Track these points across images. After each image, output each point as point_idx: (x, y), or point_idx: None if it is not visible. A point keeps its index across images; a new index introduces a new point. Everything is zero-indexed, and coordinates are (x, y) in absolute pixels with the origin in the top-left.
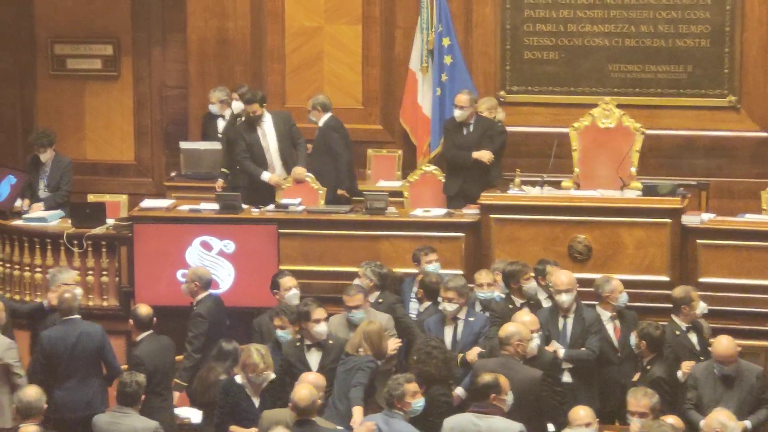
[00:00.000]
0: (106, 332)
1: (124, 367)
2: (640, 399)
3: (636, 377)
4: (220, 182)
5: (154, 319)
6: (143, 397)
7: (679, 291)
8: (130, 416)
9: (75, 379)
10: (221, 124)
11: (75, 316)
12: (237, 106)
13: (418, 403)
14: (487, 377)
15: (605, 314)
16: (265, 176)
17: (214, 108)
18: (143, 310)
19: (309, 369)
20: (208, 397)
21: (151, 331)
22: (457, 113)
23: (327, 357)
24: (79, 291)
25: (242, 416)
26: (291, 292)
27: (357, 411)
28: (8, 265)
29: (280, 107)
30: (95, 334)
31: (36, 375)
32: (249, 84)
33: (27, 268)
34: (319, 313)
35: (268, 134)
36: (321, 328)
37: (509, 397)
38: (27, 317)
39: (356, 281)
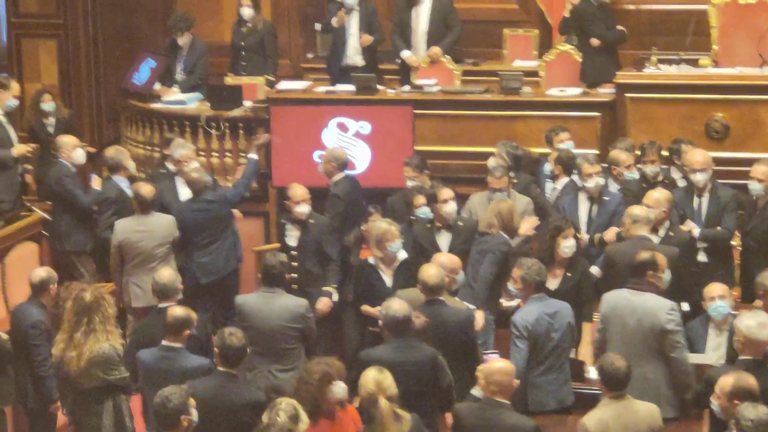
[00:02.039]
0: (243, 214)
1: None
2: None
3: None
4: None
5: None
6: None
7: None
8: (280, 295)
9: (210, 246)
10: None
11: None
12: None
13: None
14: (644, 254)
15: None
16: (404, 54)
17: None
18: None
19: (439, 250)
20: None
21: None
22: None
23: (457, 238)
24: (194, 164)
25: (375, 295)
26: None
27: (479, 315)
28: (148, 147)
29: None
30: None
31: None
32: None
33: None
34: (446, 193)
35: (422, 15)
36: (449, 208)
37: (666, 275)
38: None
39: (491, 161)
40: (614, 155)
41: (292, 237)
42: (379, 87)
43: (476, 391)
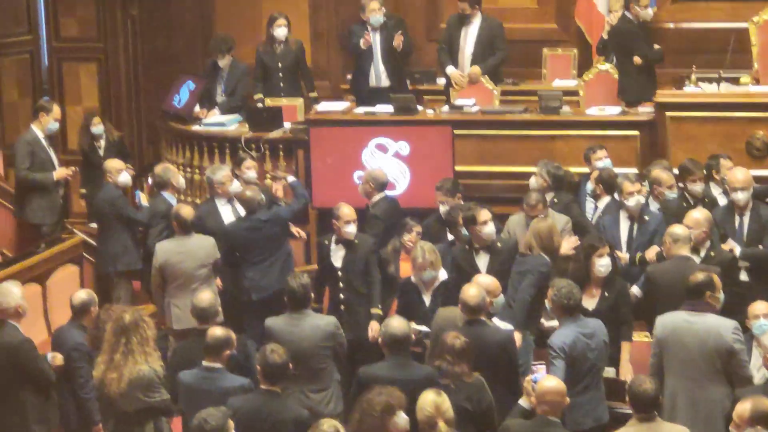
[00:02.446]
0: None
1: None
2: None
3: None
4: None
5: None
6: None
7: None
8: (308, 316)
9: (263, 263)
10: None
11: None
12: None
13: None
14: (701, 275)
15: None
16: (449, 70)
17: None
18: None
19: (478, 272)
20: None
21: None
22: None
23: (496, 259)
24: (236, 184)
25: (414, 313)
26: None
27: (517, 337)
28: (188, 169)
29: (454, 9)
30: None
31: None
32: None
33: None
34: (484, 215)
35: (470, 36)
36: (488, 230)
37: (722, 295)
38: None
39: (532, 181)
40: (656, 175)
41: (338, 257)
42: (418, 107)
43: (524, 402)
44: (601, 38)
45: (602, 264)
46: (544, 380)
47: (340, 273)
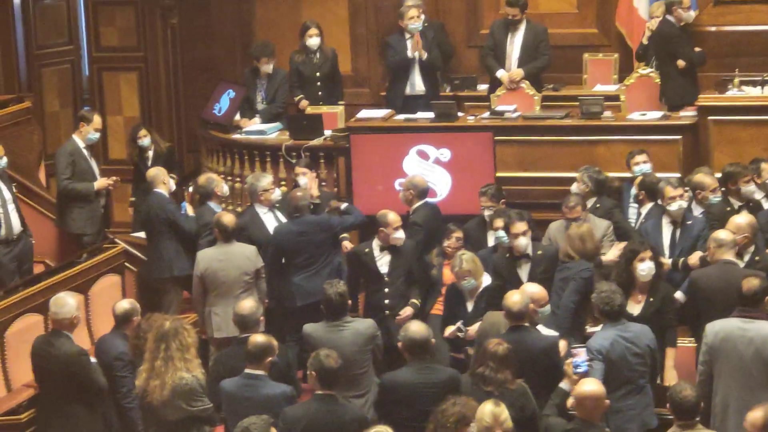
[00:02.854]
0: None
1: None
2: None
3: None
4: None
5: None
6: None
7: None
8: (349, 322)
9: (309, 268)
10: None
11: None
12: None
13: None
14: (755, 281)
15: None
16: (499, 73)
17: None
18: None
19: (519, 280)
20: None
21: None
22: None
23: (537, 267)
24: (278, 192)
25: (457, 319)
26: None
27: (561, 344)
28: (229, 177)
29: (494, 15)
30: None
31: (272, 268)
32: None
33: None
34: (518, 227)
35: (516, 41)
36: (521, 243)
37: None
38: None
39: (574, 187)
40: (699, 179)
41: (384, 264)
42: (458, 113)
43: (564, 385)
44: (641, 44)
45: (643, 268)
46: (583, 384)
47: (387, 279)
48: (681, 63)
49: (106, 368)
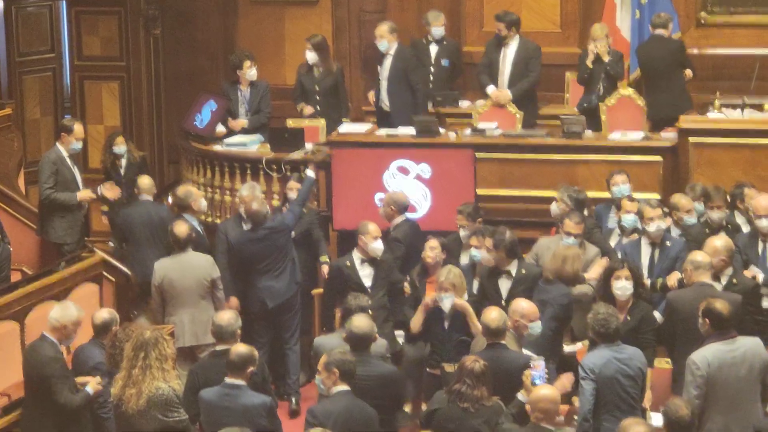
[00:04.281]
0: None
1: None
2: None
3: None
4: None
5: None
6: None
7: None
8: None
9: (274, 271)
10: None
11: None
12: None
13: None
14: (723, 305)
15: None
16: (489, 89)
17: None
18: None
19: (500, 296)
20: None
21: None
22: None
23: (518, 286)
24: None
25: (434, 337)
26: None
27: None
28: (209, 189)
29: (477, 31)
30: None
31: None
32: (442, 8)
33: (227, 192)
34: (484, 242)
35: (508, 57)
36: (483, 256)
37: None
38: None
39: (553, 206)
40: (675, 200)
41: (367, 276)
42: (440, 130)
43: (521, 396)
44: (586, 67)
45: (619, 287)
46: (539, 388)
47: (370, 291)
48: (689, 72)
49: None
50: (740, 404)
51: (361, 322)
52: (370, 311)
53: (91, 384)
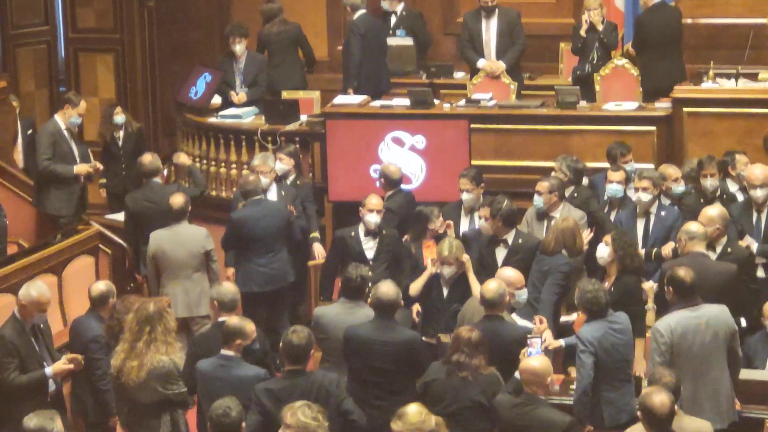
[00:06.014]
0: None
1: None
2: None
3: None
4: None
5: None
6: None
7: None
8: (362, 307)
9: (266, 254)
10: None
11: (260, 197)
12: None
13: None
14: (687, 273)
15: None
16: (481, 63)
17: (385, 5)
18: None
19: (497, 265)
20: None
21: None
22: None
23: (514, 255)
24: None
25: (432, 305)
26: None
27: (548, 334)
28: (204, 161)
29: (470, 3)
30: (281, 211)
31: (228, 252)
32: None
33: (222, 164)
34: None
35: (492, 28)
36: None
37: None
38: None
39: (552, 175)
40: (661, 169)
41: (369, 249)
42: (434, 101)
43: (519, 375)
44: (579, 36)
45: (599, 254)
46: (529, 360)
47: (372, 263)
48: None
49: (81, 350)
50: (708, 371)
51: (388, 288)
52: (370, 283)
53: (55, 365)
